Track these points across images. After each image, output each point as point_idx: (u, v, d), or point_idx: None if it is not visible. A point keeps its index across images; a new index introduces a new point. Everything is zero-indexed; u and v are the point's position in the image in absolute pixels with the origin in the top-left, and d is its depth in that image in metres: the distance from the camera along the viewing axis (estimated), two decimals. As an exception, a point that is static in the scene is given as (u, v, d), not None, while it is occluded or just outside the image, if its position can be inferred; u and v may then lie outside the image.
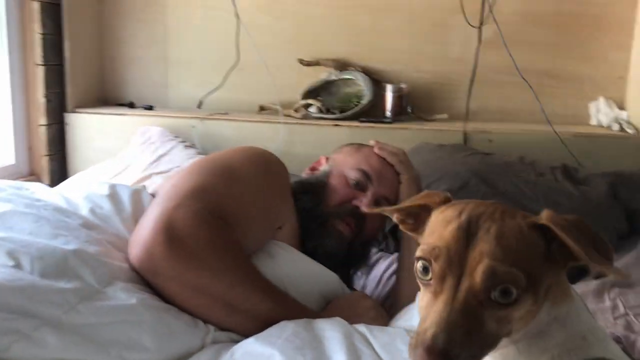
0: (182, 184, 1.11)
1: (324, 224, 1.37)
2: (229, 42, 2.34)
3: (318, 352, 0.97)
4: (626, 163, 1.98)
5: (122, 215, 1.16)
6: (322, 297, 1.26)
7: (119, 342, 0.91)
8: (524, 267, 0.62)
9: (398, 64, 2.36)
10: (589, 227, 0.65)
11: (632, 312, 1.34)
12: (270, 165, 1.31)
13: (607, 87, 2.26)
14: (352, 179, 1.41)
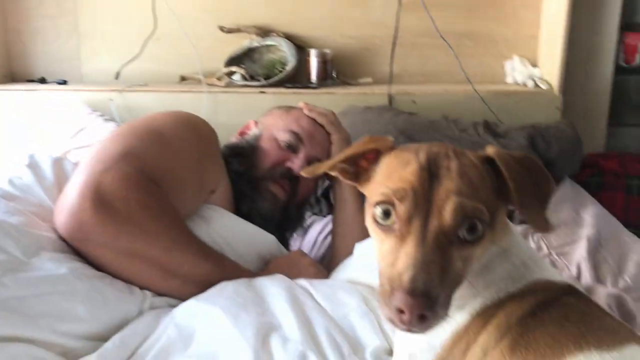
0: (109, 148, 1.06)
1: (257, 187, 1.36)
2: (144, 10, 2.25)
3: (261, 307, 0.96)
4: (541, 116, 2.07)
5: (44, 184, 1.10)
6: (261, 258, 1.25)
7: (49, 313, 0.87)
8: (484, 202, 0.62)
9: (321, 29, 2.35)
10: (535, 163, 0.66)
11: (555, 251, 1.42)
12: (198, 128, 1.27)
13: (520, 46, 2.34)
14: (283, 140, 1.40)
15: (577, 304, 0.65)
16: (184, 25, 2.21)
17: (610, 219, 1.68)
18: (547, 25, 2.25)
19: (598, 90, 2.32)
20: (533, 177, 0.65)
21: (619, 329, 0.61)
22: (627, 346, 0.57)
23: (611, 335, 0.59)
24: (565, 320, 0.62)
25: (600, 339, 0.58)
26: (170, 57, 2.36)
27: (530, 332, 0.62)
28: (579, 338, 0.59)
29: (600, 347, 0.57)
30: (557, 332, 0.60)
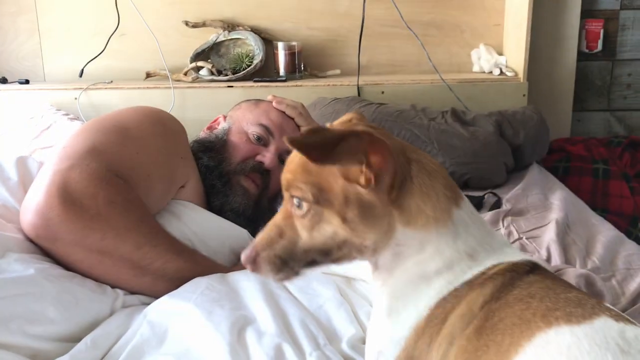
0: (74, 145, 1.03)
1: (229, 182, 1.35)
2: (107, 6, 2.20)
3: (236, 302, 0.96)
4: (508, 103, 2.10)
5: (8, 184, 1.07)
6: (233, 253, 1.24)
7: (19, 316, 0.85)
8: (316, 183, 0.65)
9: (288, 21, 2.33)
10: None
11: (525, 235, 1.44)
12: (165, 122, 1.26)
13: (486, 34, 2.37)
14: (253, 134, 1.39)
15: (541, 280, 0.63)
16: (148, 21, 2.18)
17: (577, 202, 1.71)
18: (511, 13, 2.28)
19: (562, 77, 2.36)
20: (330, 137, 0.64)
21: (586, 302, 0.58)
22: (597, 318, 0.55)
23: (580, 308, 0.57)
24: (530, 298, 0.60)
25: (569, 312, 0.56)
26: (135, 53, 2.32)
27: (496, 315, 0.60)
28: (547, 314, 0.57)
29: (569, 321, 0.55)
30: (524, 310, 0.59)
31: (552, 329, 0.55)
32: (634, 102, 2.48)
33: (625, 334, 0.53)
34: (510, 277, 0.64)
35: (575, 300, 0.58)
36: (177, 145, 1.25)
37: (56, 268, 0.95)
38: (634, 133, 2.47)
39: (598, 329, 0.54)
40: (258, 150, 1.39)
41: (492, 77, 2.25)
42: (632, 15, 2.39)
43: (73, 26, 2.33)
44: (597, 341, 0.53)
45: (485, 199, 1.70)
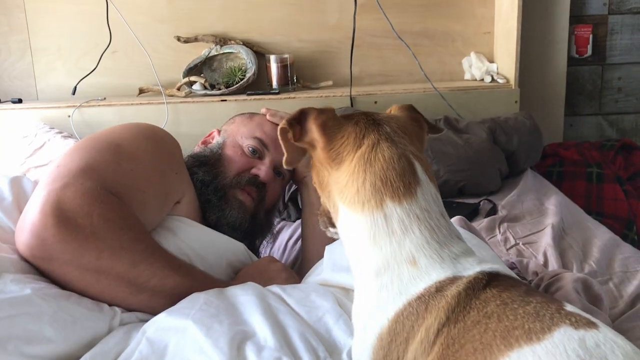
0: (68, 164, 1.03)
1: (225, 196, 1.34)
2: (98, 23, 2.21)
3: (234, 317, 0.95)
4: (500, 110, 2.11)
5: (3, 205, 1.06)
6: (231, 267, 1.24)
7: (17, 336, 0.84)
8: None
9: (279, 34, 2.35)
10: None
11: (521, 241, 1.45)
12: (159, 138, 1.26)
13: (476, 42, 2.39)
14: (248, 147, 1.39)
15: (497, 295, 0.59)
16: (140, 37, 2.19)
17: (572, 206, 1.72)
18: (501, 21, 2.30)
19: (553, 82, 2.38)
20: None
21: (545, 312, 0.56)
22: (557, 330, 0.53)
23: (538, 322, 0.54)
24: (487, 319, 0.57)
25: (529, 330, 0.54)
26: (127, 70, 2.33)
27: (456, 342, 0.58)
28: (507, 335, 0.55)
29: (530, 339, 0.53)
30: (483, 334, 0.56)
31: (514, 352, 0.53)
32: (625, 105, 2.50)
33: (585, 343, 0.52)
34: (466, 296, 0.60)
35: (533, 313, 0.56)
36: (172, 161, 1.25)
37: (52, 287, 0.94)
38: (626, 136, 2.49)
39: (558, 342, 0.52)
40: (253, 163, 1.39)
41: (483, 85, 2.26)
42: (620, 20, 2.41)
43: (65, 44, 2.33)
44: (556, 357, 0.52)
45: (481, 205, 1.70)
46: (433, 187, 0.70)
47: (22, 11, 2.30)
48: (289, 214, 1.84)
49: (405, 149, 0.70)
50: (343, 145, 0.70)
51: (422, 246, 0.65)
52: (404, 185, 0.67)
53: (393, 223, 0.65)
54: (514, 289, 0.61)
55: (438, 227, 0.66)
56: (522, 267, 1.23)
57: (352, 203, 0.68)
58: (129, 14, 2.19)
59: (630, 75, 2.47)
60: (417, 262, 0.64)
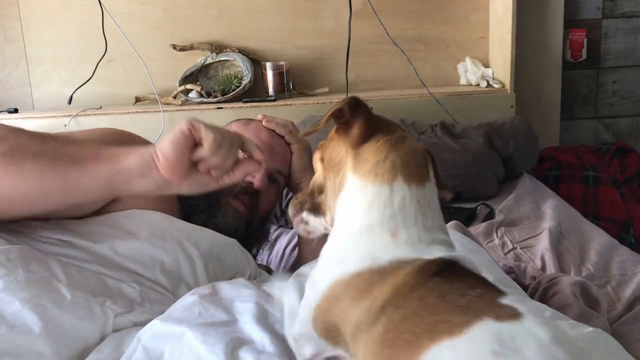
0: None
1: (217, 202, 1.33)
2: (94, 32, 2.21)
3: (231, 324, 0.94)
4: (496, 115, 2.12)
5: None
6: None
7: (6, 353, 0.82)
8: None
9: (275, 42, 2.35)
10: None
11: (519, 245, 1.44)
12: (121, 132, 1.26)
13: (471, 47, 2.39)
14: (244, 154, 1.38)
15: (440, 286, 0.61)
16: (136, 46, 2.19)
17: (569, 210, 1.72)
18: (495, 26, 2.31)
19: (549, 86, 2.38)
20: None
21: (475, 305, 0.57)
22: (477, 324, 0.54)
23: (465, 315, 0.56)
24: (423, 311, 0.59)
25: (453, 324, 0.55)
26: (123, 79, 2.33)
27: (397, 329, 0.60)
28: (433, 329, 0.56)
29: (451, 333, 0.54)
30: (416, 325, 0.58)
31: (435, 344, 0.55)
32: (620, 108, 2.51)
33: (501, 336, 0.53)
34: (414, 281, 0.62)
35: (464, 306, 0.58)
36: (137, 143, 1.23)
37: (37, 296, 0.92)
38: (621, 139, 2.50)
39: (475, 336, 0.53)
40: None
41: (479, 90, 2.27)
42: (614, 24, 2.43)
43: (61, 54, 2.34)
44: (472, 351, 0.53)
45: (478, 210, 1.70)
46: (436, 190, 0.74)
47: (17, 20, 2.31)
48: (286, 220, 1.83)
49: (427, 150, 0.76)
50: (377, 130, 0.74)
51: (409, 225, 0.68)
52: (418, 175, 0.71)
53: (395, 198, 0.69)
54: (459, 281, 0.62)
55: (431, 217, 0.70)
56: (520, 272, 1.23)
57: (366, 173, 0.71)
58: (124, 22, 2.19)
59: (625, 78, 2.48)
60: (398, 235, 0.67)
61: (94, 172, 0.89)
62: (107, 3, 2.17)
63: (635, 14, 2.42)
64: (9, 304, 0.86)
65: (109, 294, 0.98)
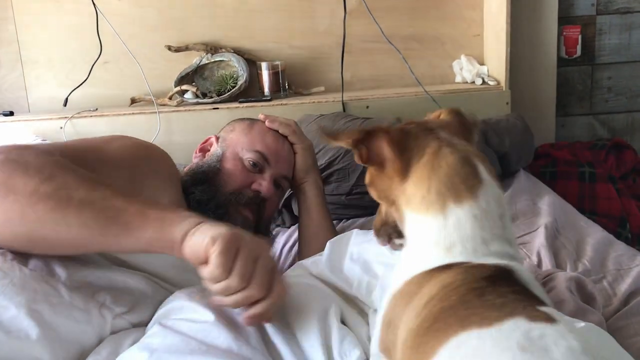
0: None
1: (227, 212, 1.31)
2: (89, 34, 2.21)
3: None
4: (491, 112, 2.12)
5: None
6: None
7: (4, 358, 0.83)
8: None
9: (270, 41, 2.35)
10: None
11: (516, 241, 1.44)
12: (150, 148, 1.25)
13: (466, 45, 2.40)
14: (249, 160, 1.35)
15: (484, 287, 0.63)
16: (131, 47, 2.19)
17: (565, 206, 1.72)
18: (490, 24, 2.31)
19: (544, 83, 2.39)
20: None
21: (509, 305, 0.59)
22: (510, 319, 0.56)
23: (497, 311, 0.58)
24: (460, 305, 0.61)
25: (485, 316, 0.58)
26: (119, 80, 2.33)
27: (431, 318, 0.62)
28: (465, 319, 0.59)
29: (481, 324, 0.57)
30: (450, 316, 0.61)
31: (464, 333, 0.57)
32: (615, 105, 2.51)
33: (530, 333, 0.54)
34: (461, 280, 0.64)
35: (500, 304, 0.59)
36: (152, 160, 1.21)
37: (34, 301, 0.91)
38: (617, 135, 2.50)
39: (505, 330, 0.55)
40: (253, 178, 1.35)
41: (474, 87, 2.27)
42: (608, 20, 2.43)
43: (55, 56, 2.33)
44: (499, 342, 0.54)
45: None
46: (496, 187, 0.72)
47: (11, 23, 2.30)
48: (283, 220, 1.83)
49: (467, 151, 0.73)
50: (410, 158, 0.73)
51: (465, 240, 0.68)
52: (467, 188, 0.70)
53: (449, 222, 0.69)
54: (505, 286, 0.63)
55: (491, 227, 0.69)
56: (516, 268, 1.23)
57: (417, 208, 0.72)
58: (119, 24, 2.19)
59: (620, 74, 2.48)
60: (452, 250, 0.68)
61: (138, 236, 0.88)
62: (102, 5, 2.17)
63: (629, 10, 2.43)
64: (5, 310, 0.86)
65: (111, 288, 0.97)
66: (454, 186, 0.70)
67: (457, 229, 0.68)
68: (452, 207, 0.69)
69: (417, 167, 0.72)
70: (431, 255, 0.69)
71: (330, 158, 1.80)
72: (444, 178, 0.70)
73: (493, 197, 0.70)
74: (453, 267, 0.66)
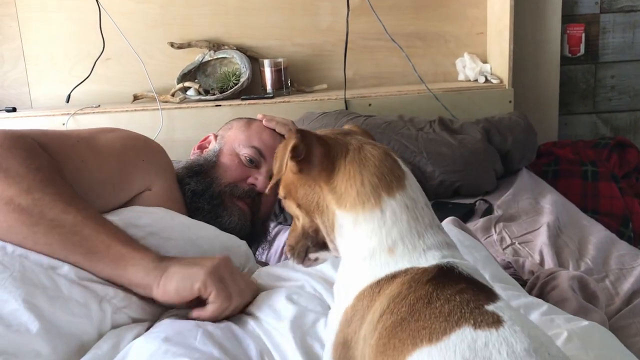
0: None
1: (222, 203, 1.32)
2: (91, 31, 2.21)
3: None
4: (494, 110, 2.12)
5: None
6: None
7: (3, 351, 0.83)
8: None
9: (272, 39, 2.35)
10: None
11: (517, 240, 1.45)
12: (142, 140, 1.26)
13: (469, 43, 2.39)
14: (245, 155, 1.37)
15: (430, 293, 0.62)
16: (133, 44, 2.19)
17: (568, 205, 1.72)
18: (493, 22, 2.30)
19: (547, 81, 2.38)
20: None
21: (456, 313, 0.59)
22: (455, 332, 0.56)
23: (445, 322, 0.58)
24: (410, 317, 0.61)
25: (433, 330, 0.58)
26: (121, 77, 2.33)
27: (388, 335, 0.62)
28: (416, 334, 0.59)
29: (430, 340, 0.57)
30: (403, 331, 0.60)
31: (416, 352, 0.57)
32: (618, 103, 2.51)
33: (475, 344, 0.55)
34: (407, 289, 0.64)
35: (447, 312, 0.59)
36: (140, 149, 1.21)
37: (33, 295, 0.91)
38: (620, 134, 2.50)
39: (451, 344, 0.56)
40: (249, 172, 1.37)
41: (477, 85, 2.27)
42: (612, 19, 2.42)
43: (58, 52, 2.33)
44: (445, 358, 0.55)
45: (477, 206, 1.70)
46: (414, 178, 0.74)
47: (14, 20, 2.30)
48: (285, 217, 1.83)
49: (384, 147, 0.74)
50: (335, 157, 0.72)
51: (404, 236, 0.68)
52: (395, 179, 0.70)
53: (387, 215, 0.69)
54: (450, 287, 0.63)
55: (422, 216, 0.70)
56: (518, 267, 1.23)
57: (353, 206, 0.70)
58: (121, 20, 2.19)
59: (623, 73, 2.48)
60: (395, 250, 0.68)
61: (99, 268, 0.95)
62: (104, 1, 2.17)
63: (633, 9, 2.42)
64: (5, 303, 0.86)
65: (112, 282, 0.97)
66: (385, 177, 0.70)
67: (395, 223, 0.68)
68: (385, 199, 0.69)
69: (343, 164, 0.71)
70: (375, 261, 0.68)
71: (333, 156, 1.80)
72: (374, 170, 0.70)
73: (416, 186, 0.72)
74: (398, 277, 0.66)
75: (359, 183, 0.70)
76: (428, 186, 1.79)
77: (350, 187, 0.70)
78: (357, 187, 0.70)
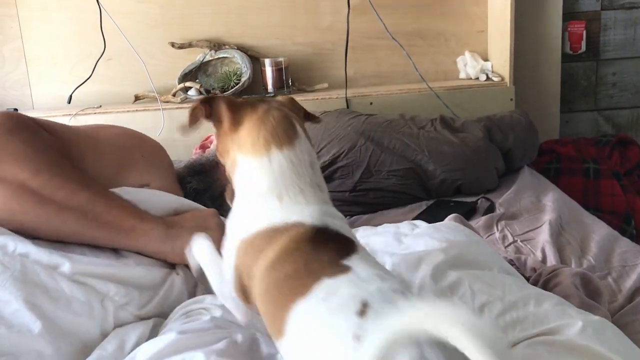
0: None
1: (224, 204, 1.32)
2: (92, 31, 2.21)
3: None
4: (495, 108, 2.11)
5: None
6: None
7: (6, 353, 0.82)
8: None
9: (273, 38, 2.35)
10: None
11: (519, 238, 1.44)
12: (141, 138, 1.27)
13: (470, 41, 2.39)
14: None
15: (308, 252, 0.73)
16: (134, 44, 2.19)
17: (570, 202, 1.72)
18: (494, 19, 2.30)
19: (548, 79, 2.38)
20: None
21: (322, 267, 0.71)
22: (317, 283, 0.68)
23: (313, 277, 0.69)
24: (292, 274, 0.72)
25: (304, 284, 0.69)
26: (122, 77, 2.33)
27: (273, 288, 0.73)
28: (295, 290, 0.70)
29: (303, 294, 0.68)
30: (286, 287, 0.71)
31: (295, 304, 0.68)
32: (620, 100, 2.50)
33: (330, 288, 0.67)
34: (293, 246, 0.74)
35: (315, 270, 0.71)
36: (140, 145, 1.24)
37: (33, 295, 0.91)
38: (621, 131, 2.50)
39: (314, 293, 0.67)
40: None
41: (478, 83, 2.27)
42: (613, 16, 2.42)
43: (59, 53, 2.33)
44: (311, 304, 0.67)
45: (479, 204, 1.70)
46: (308, 142, 0.86)
47: (15, 20, 2.30)
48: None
49: (290, 113, 0.88)
50: (243, 115, 0.86)
51: (288, 187, 0.81)
52: (287, 138, 0.83)
53: (274, 164, 0.81)
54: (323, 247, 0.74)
55: (304, 174, 0.82)
56: (520, 264, 1.23)
57: (248, 152, 0.84)
58: (122, 21, 2.19)
59: (625, 70, 2.47)
60: (283, 199, 0.80)
61: (116, 241, 1.02)
62: (105, 2, 2.16)
63: (634, 5, 2.41)
64: (6, 304, 0.86)
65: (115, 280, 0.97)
66: (278, 135, 0.83)
67: (281, 174, 0.81)
68: (274, 152, 0.82)
69: (250, 120, 0.85)
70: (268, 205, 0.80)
71: (334, 155, 1.80)
72: (271, 129, 0.84)
73: (306, 149, 0.84)
74: (289, 230, 0.76)
75: (255, 136, 0.84)
76: (430, 185, 1.79)
77: (249, 137, 0.84)
78: (253, 138, 0.84)
